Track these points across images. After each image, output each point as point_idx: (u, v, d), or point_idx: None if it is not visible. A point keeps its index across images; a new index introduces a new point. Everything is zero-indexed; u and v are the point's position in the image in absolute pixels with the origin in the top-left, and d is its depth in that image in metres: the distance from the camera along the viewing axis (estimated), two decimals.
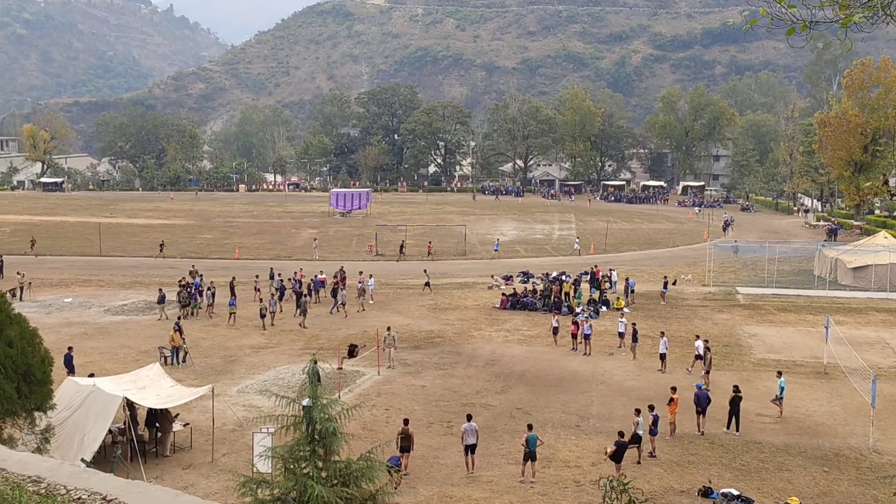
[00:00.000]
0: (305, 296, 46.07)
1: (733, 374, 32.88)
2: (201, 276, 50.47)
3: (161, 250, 68.56)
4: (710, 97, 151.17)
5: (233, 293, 47.74)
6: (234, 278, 50.40)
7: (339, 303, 45.91)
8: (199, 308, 45.32)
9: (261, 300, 43.69)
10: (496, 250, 70.81)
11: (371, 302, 47.93)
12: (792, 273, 59.79)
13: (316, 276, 50.87)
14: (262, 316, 42.26)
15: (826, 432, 27.26)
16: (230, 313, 43.13)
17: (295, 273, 50.99)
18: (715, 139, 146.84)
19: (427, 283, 52.36)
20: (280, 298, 46.03)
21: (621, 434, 23.20)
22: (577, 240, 74.30)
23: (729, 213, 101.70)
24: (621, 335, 38.05)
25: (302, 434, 14.27)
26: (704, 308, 47.96)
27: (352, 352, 36.17)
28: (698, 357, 33.91)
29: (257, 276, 51.65)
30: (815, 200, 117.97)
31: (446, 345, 38.87)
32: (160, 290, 46.26)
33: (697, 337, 35.76)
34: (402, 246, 69.45)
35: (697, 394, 27.18)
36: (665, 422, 26.28)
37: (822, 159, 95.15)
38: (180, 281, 48.58)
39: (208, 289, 46.43)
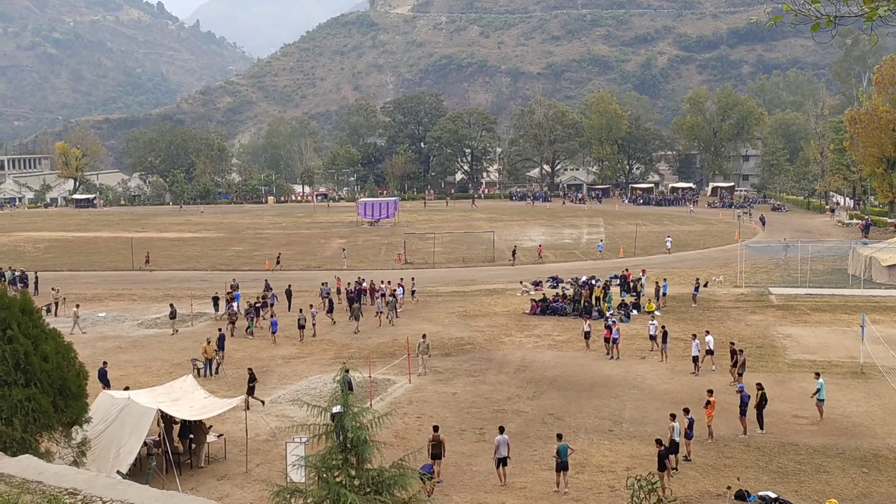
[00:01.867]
0: (356, 302, 46.43)
1: (768, 375, 32.51)
2: (237, 287, 50.80)
3: (278, 262, 68.57)
4: (738, 97, 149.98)
5: (289, 301, 48.99)
6: (290, 286, 51.19)
7: (379, 311, 45.93)
8: (255, 326, 43.76)
9: (300, 311, 43.33)
10: (601, 251, 71.31)
11: (399, 309, 47.81)
12: (825, 272, 59.03)
13: (355, 287, 50.91)
14: (301, 327, 41.97)
15: (864, 433, 26.86)
16: (273, 333, 41.96)
17: (334, 280, 51.65)
18: (744, 139, 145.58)
19: (413, 292, 52.02)
20: (329, 311, 46.30)
21: (659, 442, 22.93)
22: (669, 238, 74.94)
23: (741, 211, 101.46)
24: (653, 338, 37.81)
25: (334, 443, 14.32)
26: (737, 309, 47.50)
27: (252, 379, 31.19)
28: (709, 352, 34.38)
29: (325, 283, 51.70)
30: (847, 198, 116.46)
31: (477, 351, 38.82)
32: (171, 305, 45.73)
33: (707, 332, 35.60)
34: (514, 251, 70.19)
35: (743, 395, 26.95)
36: (701, 425, 26.03)
37: (854, 156, 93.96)
38: (223, 295, 49.03)
39: (263, 299, 47.39)
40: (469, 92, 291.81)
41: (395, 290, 49.32)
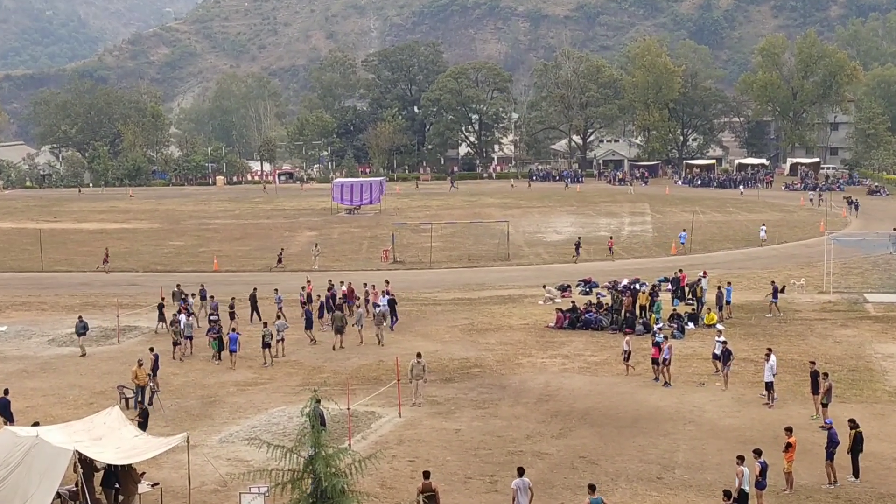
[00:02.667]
0: (336, 310, 46.70)
1: (863, 407, 32.55)
2: (186, 296, 50.59)
3: (279, 261, 68.76)
4: (825, 47, 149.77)
5: (254, 309, 49.50)
6: (255, 290, 51.13)
7: (358, 324, 45.91)
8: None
9: (265, 325, 43.05)
10: (682, 243, 72.02)
11: (385, 323, 47.32)
12: None
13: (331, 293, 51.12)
14: (266, 346, 41.62)
15: None
16: (231, 353, 41.72)
17: (303, 287, 51.83)
18: (832, 102, 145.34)
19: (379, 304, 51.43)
20: (308, 326, 46.20)
21: (727, 495, 22.90)
22: (763, 227, 76.37)
23: (813, 194, 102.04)
24: (716, 358, 37.77)
25: (303, 494, 14.37)
26: (822, 322, 47.52)
27: (143, 417, 31.01)
28: (716, 357, 35.28)
29: (303, 288, 51.88)
30: None
31: (486, 376, 38.86)
32: (80, 318, 44.98)
33: (770, 350, 35.21)
34: (577, 244, 70.63)
35: (831, 432, 26.85)
36: (777, 471, 26.00)
37: None
38: (161, 303, 49.03)
39: (230, 309, 47.70)
40: (476, 41, 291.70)
41: (384, 298, 48.82)
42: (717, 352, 37.75)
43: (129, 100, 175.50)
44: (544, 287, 56.18)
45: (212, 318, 45.84)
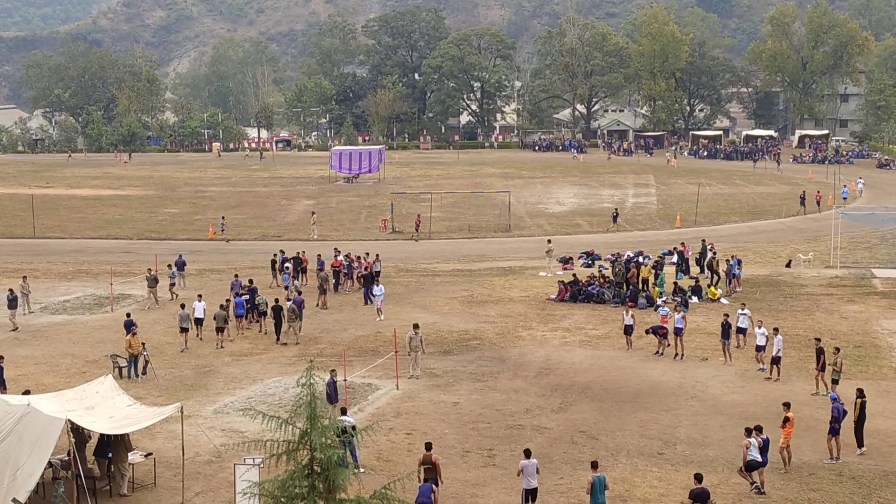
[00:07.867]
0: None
1: (868, 383, 32.50)
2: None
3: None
4: (836, 16, 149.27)
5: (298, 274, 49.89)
6: (302, 253, 51.98)
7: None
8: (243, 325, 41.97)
9: (276, 301, 42.27)
10: (845, 198, 76.14)
11: (379, 319, 44.10)
12: None
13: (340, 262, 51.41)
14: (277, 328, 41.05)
15: None
16: (240, 325, 41.53)
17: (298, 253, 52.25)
18: (842, 73, 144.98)
19: (376, 275, 49.96)
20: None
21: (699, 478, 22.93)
22: (861, 180, 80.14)
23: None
24: (741, 331, 37.83)
25: (297, 465, 14.40)
26: (829, 297, 47.56)
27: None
28: (759, 349, 34.95)
29: (338, 252, 52.23)
30: None
31: (485, 349, 38.93)
32: (10, 290, 43.79)
33: (761, 323, 35.94)
34: (615, 215, 72.51)
35: (836, 407, 26.84)
36: (777, 448, 26.07)
37: None
38: (149, 271, 48.84)
39: (248, 289, 45.02)
40: (479, 7, 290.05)
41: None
42: (742, 325, 37.86)
43: (123, 64, 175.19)
44: (548, 242, 55.86)
45: (243, 295, 43.41)
